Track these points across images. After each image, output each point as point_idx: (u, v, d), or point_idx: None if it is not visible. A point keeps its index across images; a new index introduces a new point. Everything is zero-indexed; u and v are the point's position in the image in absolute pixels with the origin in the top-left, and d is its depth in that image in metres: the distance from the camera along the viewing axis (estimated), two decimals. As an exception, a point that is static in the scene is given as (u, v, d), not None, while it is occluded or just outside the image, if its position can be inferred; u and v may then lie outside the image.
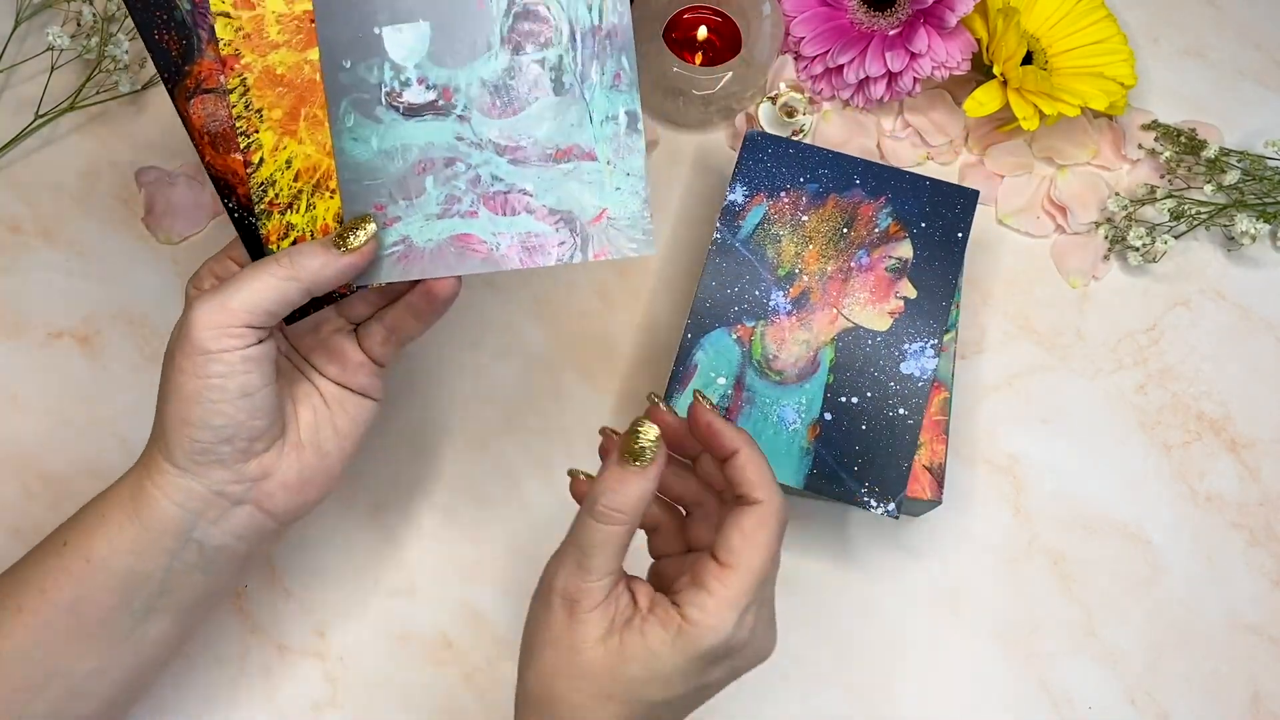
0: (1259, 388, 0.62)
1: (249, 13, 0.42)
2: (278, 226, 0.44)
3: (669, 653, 0.40)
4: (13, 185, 0.65)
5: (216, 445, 0.43)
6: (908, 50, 0.63)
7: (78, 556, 0.44)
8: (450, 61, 0.43)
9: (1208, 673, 0.57)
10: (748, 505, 0.41)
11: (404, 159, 0.43)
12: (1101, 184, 0.65)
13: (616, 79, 0.42)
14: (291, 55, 0.43)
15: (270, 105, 0.43)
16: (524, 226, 0.44)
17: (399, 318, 0.47)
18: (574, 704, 0.40)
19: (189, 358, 0.42)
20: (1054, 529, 0.59)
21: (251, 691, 0.56)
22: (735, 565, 0.40)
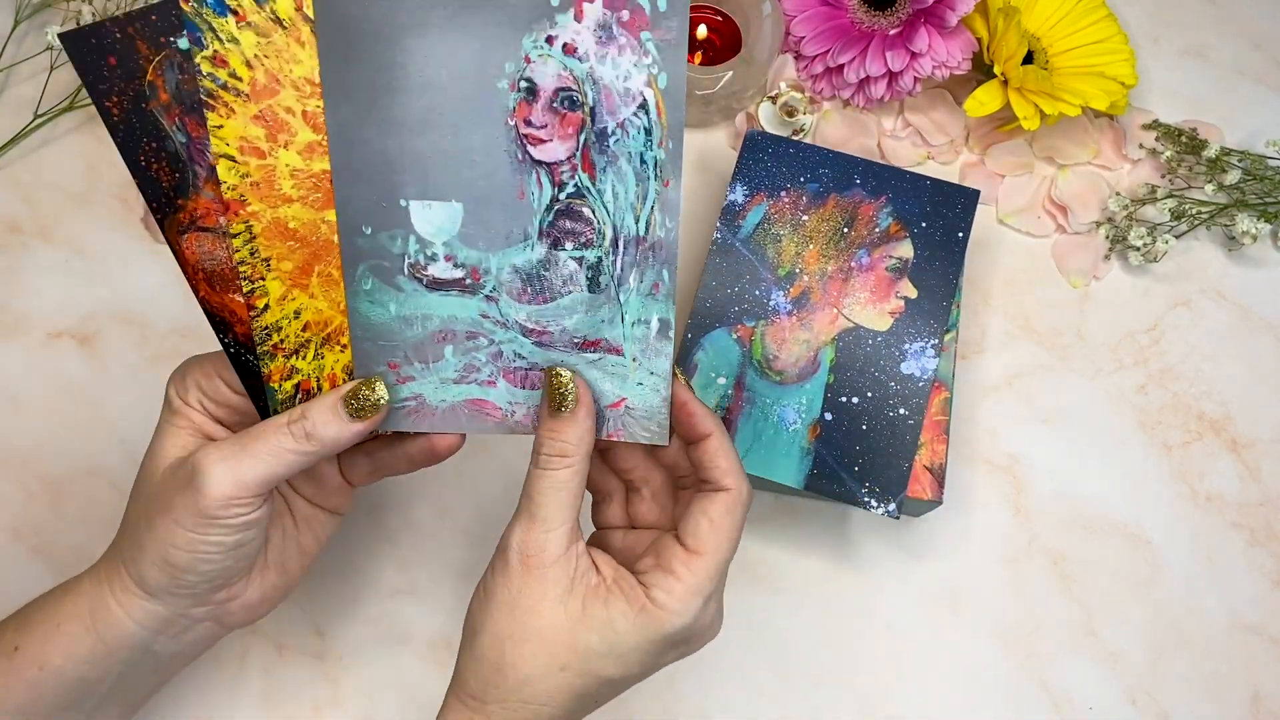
0: (1259, 388, 0.62)
1: (258, 161, 0.39)
2: (281, 367, 0.42)
3: (631, 631, 0.40)
4: (13, 185, 0.65)
5: (197, 585, 0.42)
6: (908, 50, 0.63)
7: (31, 664, 0.43)
8: (482, 244, 0.41)
9: (1208, 673, 0.57)
10: (716, 492, 0.41)
11: (423, 326, 0.42)
12: (1102, 184, 0.65)
13: (655, 288, 0.42)
14: (306, 212, 0.40)
15: (280, 257, 0.41)
16: None
17: (391, 461, 0.46)
18: (525, 673, 0.40)
19: (191, 517, 0.40)
20: (1054, 529, 0.59)
21: (251, 691, 0.56)
22: (703, 552, 0.40)
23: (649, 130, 0.39)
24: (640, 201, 0.40)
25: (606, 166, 0.40)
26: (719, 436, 0.42)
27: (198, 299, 0.42)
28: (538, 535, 0.40)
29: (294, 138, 0.39)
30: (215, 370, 0.44)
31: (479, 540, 0.58)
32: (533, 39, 0.38)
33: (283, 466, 0.41)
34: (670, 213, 0.40)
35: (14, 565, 0.58)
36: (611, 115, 0.39)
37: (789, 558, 0.58)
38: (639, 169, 0.40)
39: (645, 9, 0.38)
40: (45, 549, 0.58)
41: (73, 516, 0.59)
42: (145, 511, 0.42)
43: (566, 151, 0.40)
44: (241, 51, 0.38)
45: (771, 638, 0.57)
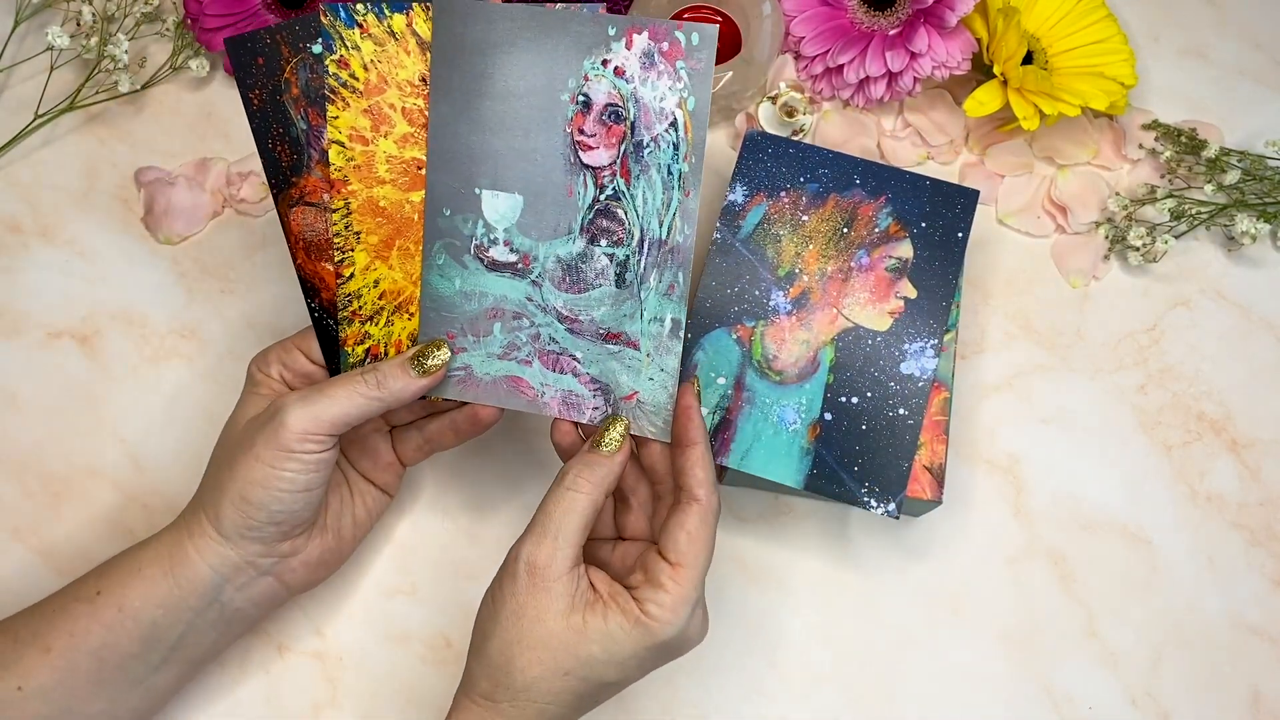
0: (1259, 388, 0.62)
1: (362, 148, 0.47)
2: (356, 333, 0.49)
3: (628, 640, 0.44)
4: (13, 185, 0.65)
5: (266, 526, 0.47)
6: (908, 50, 0.63)
7: (111, 605, 0.47)
8: (534, 234, 0.48)
9: (1208, 673, 0.57)
10: (690, 503, 0.45)
11: (479, 303, 0.49)
12: (1102, 184, 0.65)
13: (670, 289, 0.47)
14: (395, 193, 0.48)
15: (369, 231, 0.48)
16: (568, 385, 0.49)
17: (440, 432, 0.52)
18: (532, 675, 0.44)
19: (270, 450, 0.46)
20: (1054, 529, 0.59)
21: (251, 691, 0.56)
22: (685, 564, 0.44)
23: (677, 145, 0.46)
24: (665, 208, 0.47)
25: (640, 175, 0.46)
26: (704, 447, 0.46)
27: (295, 265, 0.49)
28: (547, 551, 0.44)
29: (393, 129, 0.47)
30: (294, 344, 0.50)
31: (479, 540, 0.58)
32: (592, 61, 0.46)
33: (355, 409, 0.46)
34: (689, 220, 0.47)
35: (14, 565, 0.58)
36: (648, 130, 0.46)
37: (789, 558, 0.58)
38: (665, 179, 0.46)
39: (681, 42, 0.45)
40: (45, 549, 0.58)
41: (73, 516, 0.59)
42: (227, 458, 0.47)
43: (609, 158, 0.47)
44: (362, 57, 0.47)
45: (771, 638, 0.57)
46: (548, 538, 0.44)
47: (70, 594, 0.48)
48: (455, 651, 0.57)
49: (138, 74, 0.67)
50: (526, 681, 0.44)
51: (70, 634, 0.47)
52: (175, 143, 0.66)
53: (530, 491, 0.59)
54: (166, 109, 0.67)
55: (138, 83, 0.66)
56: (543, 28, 0.46)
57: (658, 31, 0.45)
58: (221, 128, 0.66)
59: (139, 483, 0.59)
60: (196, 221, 0.64)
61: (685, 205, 0.47)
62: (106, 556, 0.55)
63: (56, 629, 0.47)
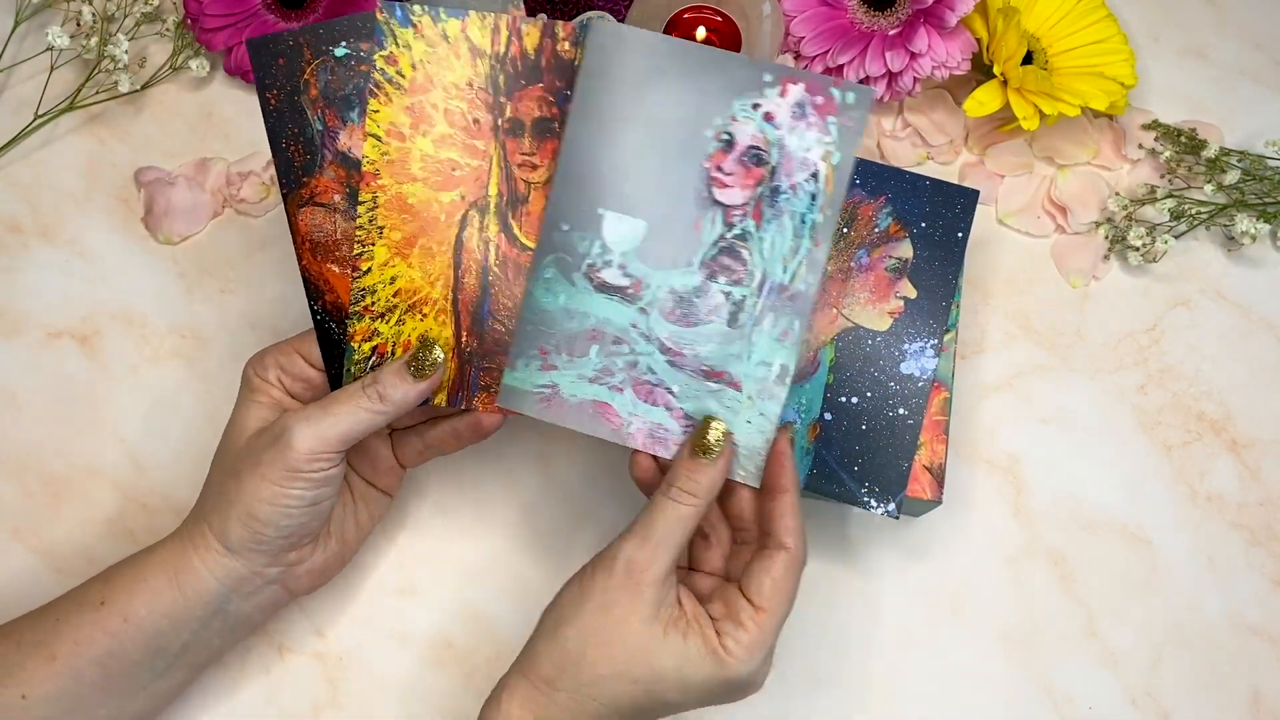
0: (1259, 388, 0.62)
1: (398, 144, 0.47)
2: (365, 329, 0.48)
3: (701, 667, 0.44)
4: (13, 185, 0.65)
5: (274, 540, 0.47)
6: (908, 50, 0.63)
7: (115, 615, 0.47)
8: (651, 261, 0.47)
9: (1208, 673, 0.57)
10: (777, 550, 0.45)
11: (580, 323, 0.48)
12: (1102, 184, 0.65)
13: (784, 335, 0.47)
14: (425, 191, 0.48)
15: (392, 227, 0.48)
16: (658, 418, 0.48)
17: (441, 438, 0.52)
18: (601, 671, 0.44)
19: (278, 470, 0.46)
20: (1054, 529, 0.59)
21: (251, 691, 0.56)
22: (767, 609, 0.45)
23: (814, 196, 0.46)
24: (792, 254, 0.46)
25: (772, 219, 0.46)
26: (794, 495, 0.46)
27: (300, 265, 0.49)
28: (648, 554, 0.44)
29: (432, 128, 0.47)
30: (292, 347, 0.50)
31: (479, 540, 0.58)
32: (742, 103, 0.46)
33: (360, 425, 0.46)
34: (814, 270, 0.46)
35: (14, 565, 0.58)
36: (787, 177, 0.46)
37: (789, 558, 0.58)
38: (798, 227, 0.46)
39: (836, 99, 0.46)
40: (45, 549, 0.58)
41: (73, 516, 0.59)
42: (233, 471, 0.47)
43: (743, 198, 0.46)
44: (411, 56, 0.47)
45: (771, 638, 0.57)
46: (651, 541, 0.44)
47: (74, 601, 0.48)
48: (455, 651, 0.57)
49: (138, 74, 0.67)
50: (594, 677, 0.44)
51: (75, 642, 0.47)
52: (175, 143, 0.66)
53: (530, 490, 0.59)
54: (166, 109, 0.67)
55: (138, 83, 0.66)
56: (699, 64, 0.46)
57: (814, 85, 0.46)
58: (221, 128, 0.66)
59: (139, 483, 0.59)
60: (196, 221, 0.64)
61: (814, 254, 0.46)
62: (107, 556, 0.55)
63: (61, 637, 0.47)
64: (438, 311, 0.48)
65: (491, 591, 0.58)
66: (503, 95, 0.48)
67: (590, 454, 0.60)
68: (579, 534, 0.59)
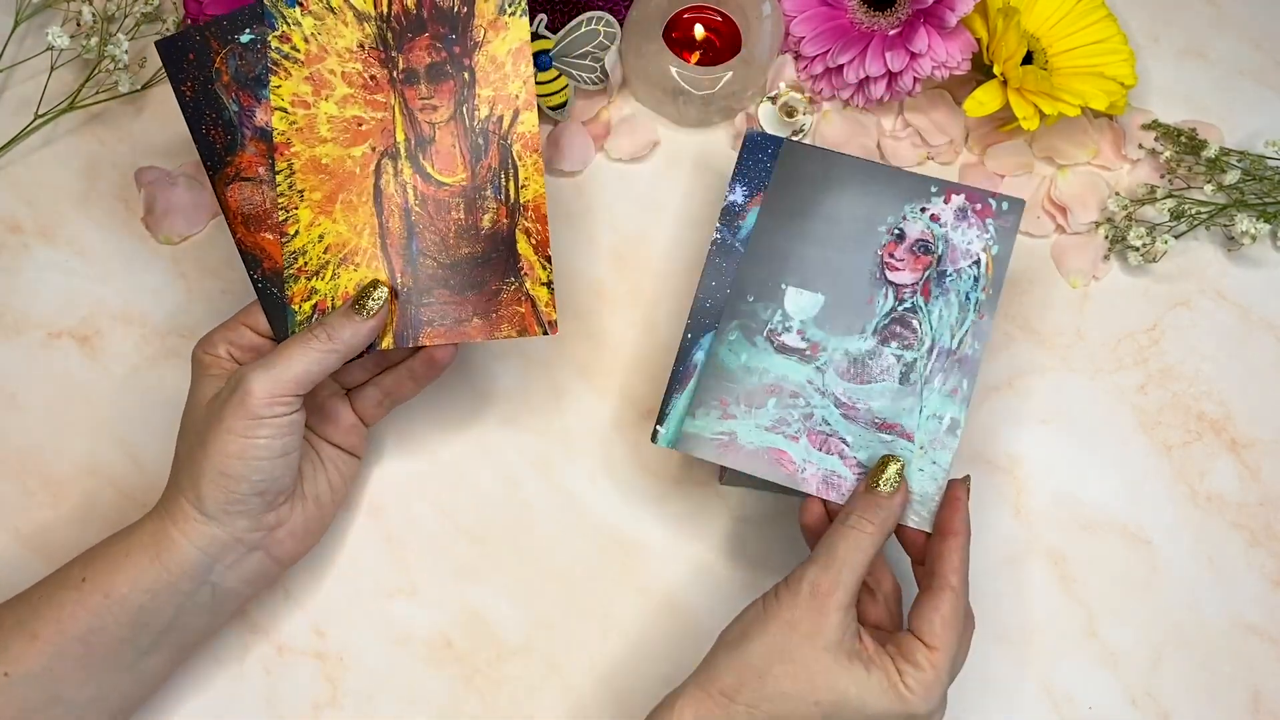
0: (1259, 388, 0.62)
1: (304, 111, 0.51)
2: (303, 289, 0.51)
3: (883, 700, 0.45)
4: (13, 185, 0.65)
5: (249, 497, 0.48)
6: (908, 50, 0.63)
7: (96, 592, 0.47)
8: (828, 329, 0.53)
9: (1208, 673, 0.57)
10: (944, 589, 0.47)
11: (760, 379, 0.52)
12: (1102, 184, 0.65)
13: (954, 392, 0.52)
14: (337, 150, 0.51)
15: (311, 188, 0.51)
16: (832, 465, 0.51)
17: (397, 382, 0.54)
18: (784, 690, 0.45)
19: (240, 420, 0.47)
20: (1054, 529, 0.59)
21: (251, 691, 0.56)
22: (940, 648, 0.46)
23: (977, 279, 0.53)
24: (958, 325, 0.52)
25: (939, 295, 0.53)
26: (965, 538, 0.48)
27: (235, 240, 0.51)
28: (832, 579, 0.46)
29: (333, 92, 0.51)
30: (239, 321, 0.51)
31: (479, 540, 0.58)
32: (911, 206, 0.54)
33: (314, 365, 0.48)
34: (980, 338, 0.52)
35: (14, 565, 0.58)
36: (953, 264, 0.53)
37: (790, 558, 0.58)
38: (963, 302, 0.52)
39: (993, 206, 0.53)
40: (45, 549, 0.58)
41: (73, 516, 0.59)
42: (197, 439, 0.48)
43: (913, 279, 0.53)
44: (303, 31, 0.51)
45: (771, 638, 0.57)
46: (834, 566, 0.46)
47: (55, 582, 0.48)
48: (455, 652, 0.57)
49: (138, 74, 0.67)
50: (776, 693, 0.45)
51: (57, 620, 0.47)
52: (175, 143, 0.66)
53: (530, 490, 0.59)
54: (166, 109, 0.67)
55: (138, 83, 0.66)
56: (873, 177, 0.54)
57: (974, 196, 0.53)
58: (221, 128, 0.66)
59: (139, 483, 0.59)
60: (196, 221, 0.64)
61: (979, 325, 0.52)
62: (106, 556, 0.55)
63: (42, 616, 0.47)
64: (369, 259, 0.51)
65: (491, 591, 0.58)
66: (393, 50, 0.51)
67: (590, 453, 0.60)
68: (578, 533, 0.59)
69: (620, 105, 0.67)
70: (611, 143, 0.66)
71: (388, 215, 0.51)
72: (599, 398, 0.61)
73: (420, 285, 0.51)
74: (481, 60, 0.51)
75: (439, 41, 0.51)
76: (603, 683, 0.56)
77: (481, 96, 0.52)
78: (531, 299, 0.51)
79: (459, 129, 0.52)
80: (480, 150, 0.52)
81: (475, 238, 0.52)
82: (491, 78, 0.52)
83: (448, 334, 0.51)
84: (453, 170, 0.51)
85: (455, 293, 0.51)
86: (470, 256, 0.51)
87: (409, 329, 0.51)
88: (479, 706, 0.56)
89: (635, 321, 0.62)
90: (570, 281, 0.63)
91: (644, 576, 0.58)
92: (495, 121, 0.51)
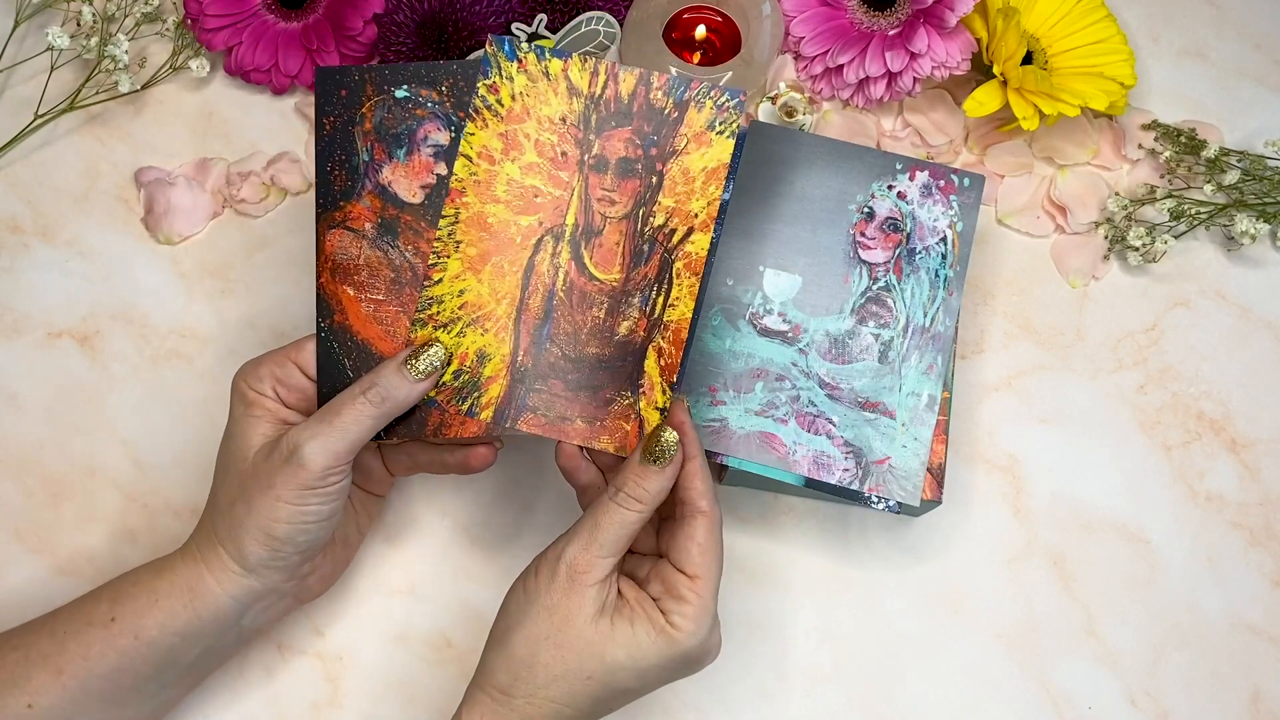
0: (1259, 388, 0.62)
1: (488, 166, 0.50)
2: (425, 336, 0.50)
3: (653, 648, 0.44)
4: (13, 185, 0.65)
5: (290, 555, 0.48)
6: (908, 50, 0.63)
7: (126, 633, 0.47)
8: (808, 310, 0.53)
9: (1208, 673, 0.57)
10: (695, 515, 0.46)
11: (746, 363, 0.53)
12: (1101, 184, 0.65)
13: (929, 369, 0.53)
14: (506, 213, 0.50)
15: (469, 243, 0.50)
16: (821, 446, 0.52)
17: (429, 462, 0.53)
18: (554, 673, 0.44)
19: (293, 490, 0.46)
20: (1054, 529, 0.59)
21: (251, 691, 0.56)
22: (701, 575, 0.45)
23: (945, 255, 0.54)
24: (930, 302, 0.53)
25: (910, 273, 0.54)
26: (701, 460, 0.47)
27: (317, 283, 0.51)
28: (591, 557, 0.45)
29: (522, 155, 0.51)
30: (288, 357, 0.50)
31: (479, 540, 0.58)
32: (879, 184, 0.55)
33: (365, 431, 0.47)
34: (950, 315, 0.53)
35: (14, 565, 0.58)
36: (920, 241, 0.54)
37: (789, 557, 0.58)
38: (933, 280, 0.53)
39: (955, 182, 0.55)
40: (45, 549, 0.58)
41: (73, 516, 0.59)
42: (242, 493, 0.47)
43: (885, 258, 0.54)
44: (513, 87, 0.51)
45: (772, 638, 0.57)
46: (594, 546, 0.45)
47: (83, 616, 0.48)
48: (455, 651, 0.57)
49: (138, 74, 0.67)
50: (548, 679, 0.44)
51: (84, 659, 0.47)
52: (175, 143, 0.66)
53: (530, 490, 0.59)
54: (166, 109, 0.67)
55: (138, 83, 0.66)
56: (840, 155, 0.55)
57: (937, 172, 0.55)
58: (221, 128, 0.66)
59: (139, 483, 0.59)
60: (196, 221, 0.64)
61: (948, 302, 0.53)
62: (107, 557, 0.55)
63: (69, 652, 0.47)
64: (499, 329, 0.50)
65: (491, 591, 0.58)
66: (592, 133, 0.51)
67: (590, 454, 0.60)
68: (579, 534, 0.59)
69: (620, 105, 0.67)
70: (611, 143, 0.66)
71: (531, 292, 0.50)
72: (599, 398, 0.61)
73: (538, 370, 0.50)
74: (674, 169, 0.51)
75: (639, 138, 0.51)
76: (603, 683, 0.56)
77: (661, 204, 0.50)
78: (641, 420, 0.50)
79: (628, 229, 0.50)
80: (642, 256, 0.50)
81: (607, 340, 0.50)
82: (678, 189, 0.50)
83: (546, 428, 0.50)
84: (609, 268, 0.50)
85: (569, 388, 0.50)
86: (596, 357, 0.50)
87: (511, 409, 0.50)
88: (479, 706, 0.56)
89: (635, 321, 0.62)
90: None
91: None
92: (666, 233, 0.50)
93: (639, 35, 0.65)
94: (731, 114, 0.50)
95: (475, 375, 0.50)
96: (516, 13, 0.65)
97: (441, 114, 0.51)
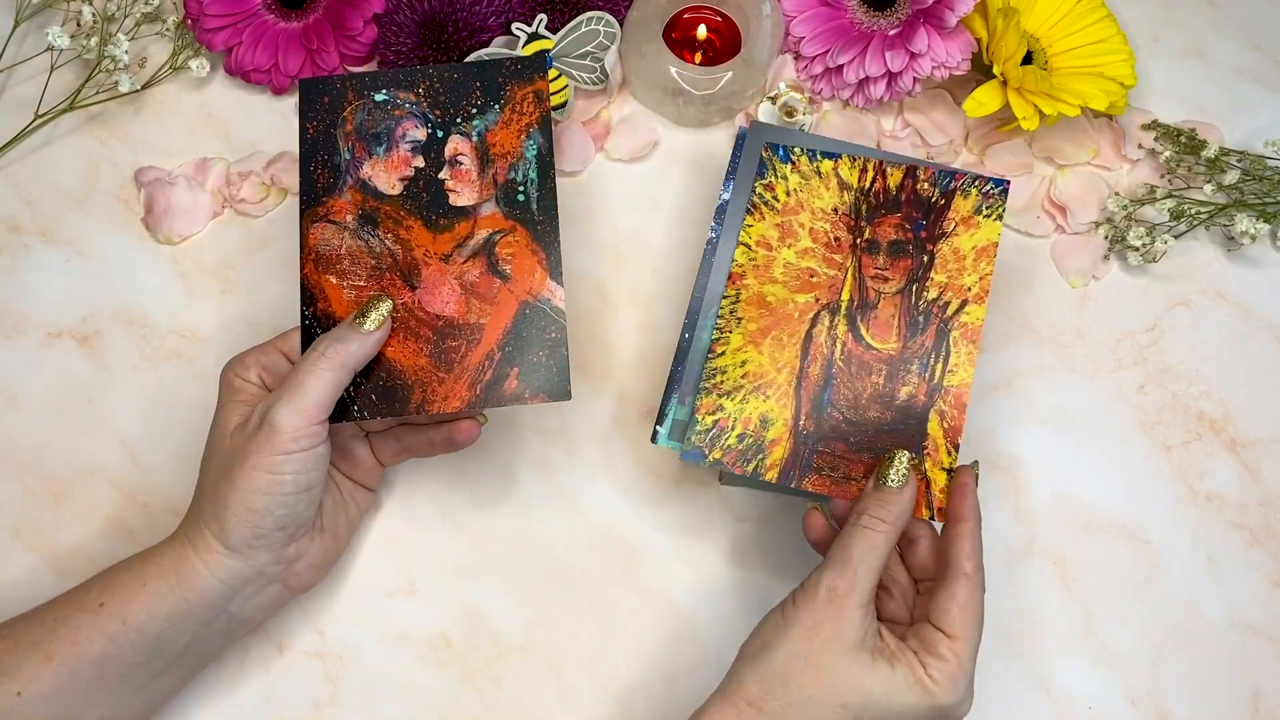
0: (1259, 388, 0.62)
1: (765, 252, 0.54)
2: (710, 404, 0.52)
3: (909, 696, 0.45)
4: (13, 185, 0.65)
5: (273, 532, 0.48)
6: (908, 50, 0.63)
7: (114, 618, 0.47)
8: None
9: (1208, 673, 0.57)
10: (959, 577, 0.47)
11: None
12: (1101, 184, 0.65)
13: None
14: (783, 292, 0.54)
15: (750, 319, 0.53)
16: None
17: (417, 443, 0.55)
18: (810, 695, 0.45)
19: (267, 456, 0.47)
20: (1054, 529, 0.59)
21: (251, 691, 0.56)
22: (960, 636, 0.46)
23: None
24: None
25: None
26: (975, 523, 0.48)
27: (301, 273, 0.53)
28: (848, 581, 0.46)
29: (797, 242, 0.55)
30: (274, 346, 0.52)
31: (479, 540, 0.58)
32: None
33: (328, 386, 0.48)
34: None
35: (14, 565, 0.58)
36: None
37: (790, 557, 0.58)
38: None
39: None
40: (45, 549, 0.58)
41: (73, 516, 0.59)
42: (223, 471, 0.48)
43: None
44: (787, 185, 0.55)
45: (771, 638, 0.57)
46: (849, 569, 0.46)
47: (73, 603, 0.48)
48: (455, 651, 0.57)
49: (138, 74, 0.67)
50: (801, 698, 0.45)
51: (73, 644, 0.47)
52: (175, 143, 0.66)
53: (530, 490, 0.59)
54: (166, 109, 0.67)
55: (138, 83, 0.66)
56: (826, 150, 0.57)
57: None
58: (221, 128, 0.66)
59: (139, 483, 0.59)
60: (196, 221, 0.64)
61: None
62: (107, 557, 0.55)
63: (58, 638, 0.47)
64: (780, 395, 0.52)
65: (491, 591, 0.58)
66: (863, 220, 0.55)
67: (590, 453, 0.60)
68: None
69: (620, 105, 0.67)
70: (612, 143, 0.66)
71: (811, 361, 0.53)
72: (599, 398, 0.61)
73: (820, 433, 0.52)
74: (944, 249, 0.54)
75: (908, 223, 0.54)
76: (602, 682, 0.56)
77: (934, 280, 0.53)
78: (928, 481, 0.51)
79: (903, 303, 0.53)
80: (918, 327, 0.53)
81: (888, 405, 0.52)
82: (949, 266, 0.53)
83: (832, 488, 0.51)
84: (886, 338, 0.53)
85: (852, 450, 0.51)
86: (876, 421, 0.52)
87: (796, 469, 0.51)
88: (479, 706, 0.56)
89: (635, 321, 0.62)
90: (570, 281, 0.63)
91: (643, 576, 0.58)
92: (940, 305, 0.53)
93: (639, 35, 0.65)
94: (997, 200, 0.54)
95: (759, 439, 0.51)
96: (516, 13, 0.65)
97: (419, 113, 0.54)
